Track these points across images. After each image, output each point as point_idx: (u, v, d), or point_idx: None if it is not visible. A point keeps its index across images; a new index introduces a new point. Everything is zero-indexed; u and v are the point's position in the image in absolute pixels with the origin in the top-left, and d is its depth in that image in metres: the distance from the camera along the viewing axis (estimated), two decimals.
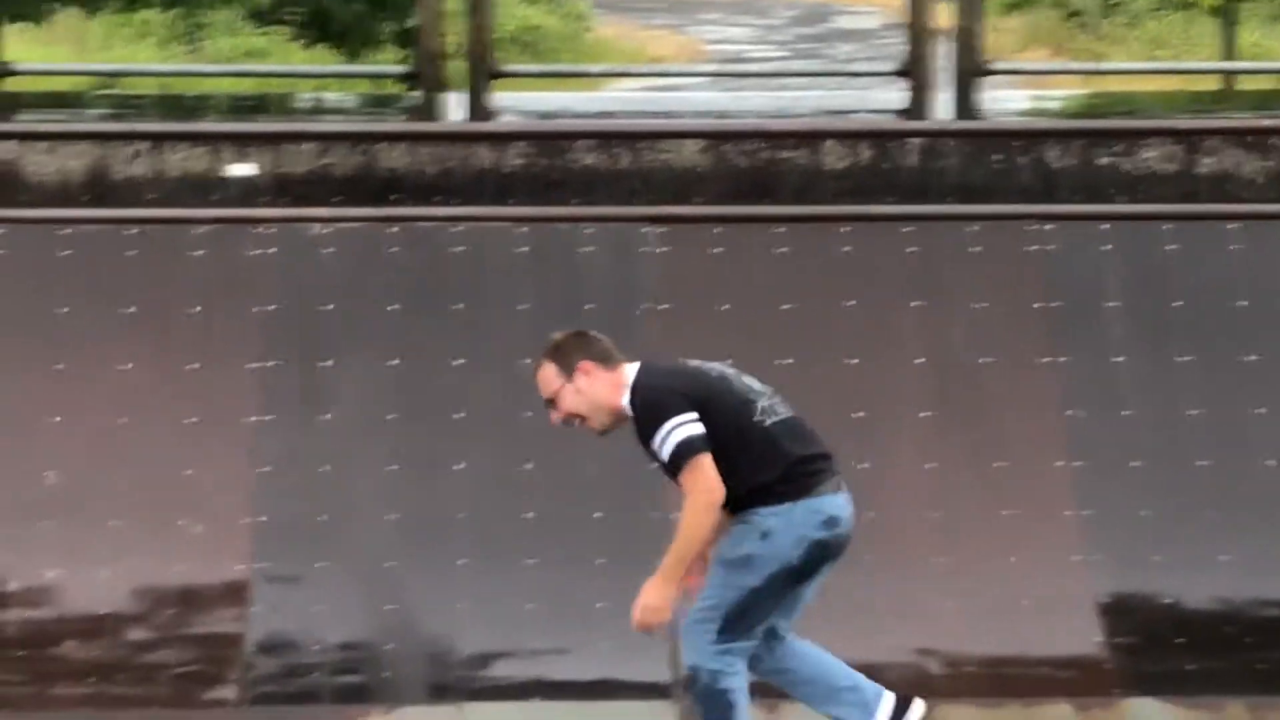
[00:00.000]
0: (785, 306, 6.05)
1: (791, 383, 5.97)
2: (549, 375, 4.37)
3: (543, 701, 5.23)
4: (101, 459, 5.77)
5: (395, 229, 6.16)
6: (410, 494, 5.84)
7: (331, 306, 6.14)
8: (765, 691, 4.53)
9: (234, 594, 5.55)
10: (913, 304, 6.17)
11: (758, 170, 6.37)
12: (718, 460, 4.08)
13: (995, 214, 6.38)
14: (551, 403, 4.38)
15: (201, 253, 6.02)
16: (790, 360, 5.94)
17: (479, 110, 6.52)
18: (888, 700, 4.34)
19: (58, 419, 5.83)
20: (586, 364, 4.31)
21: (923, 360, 6.13)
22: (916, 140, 6.55)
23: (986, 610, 5.78)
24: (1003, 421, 6.14)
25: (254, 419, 5.76)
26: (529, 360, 6.04)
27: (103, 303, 6.03)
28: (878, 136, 6.48)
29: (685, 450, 4.11)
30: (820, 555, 4.20)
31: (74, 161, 6.22)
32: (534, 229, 6.29)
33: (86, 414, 5.89)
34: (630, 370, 4.32)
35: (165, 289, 6.14)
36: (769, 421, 4.23)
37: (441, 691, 5.37)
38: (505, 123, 6.55)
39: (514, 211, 6.22)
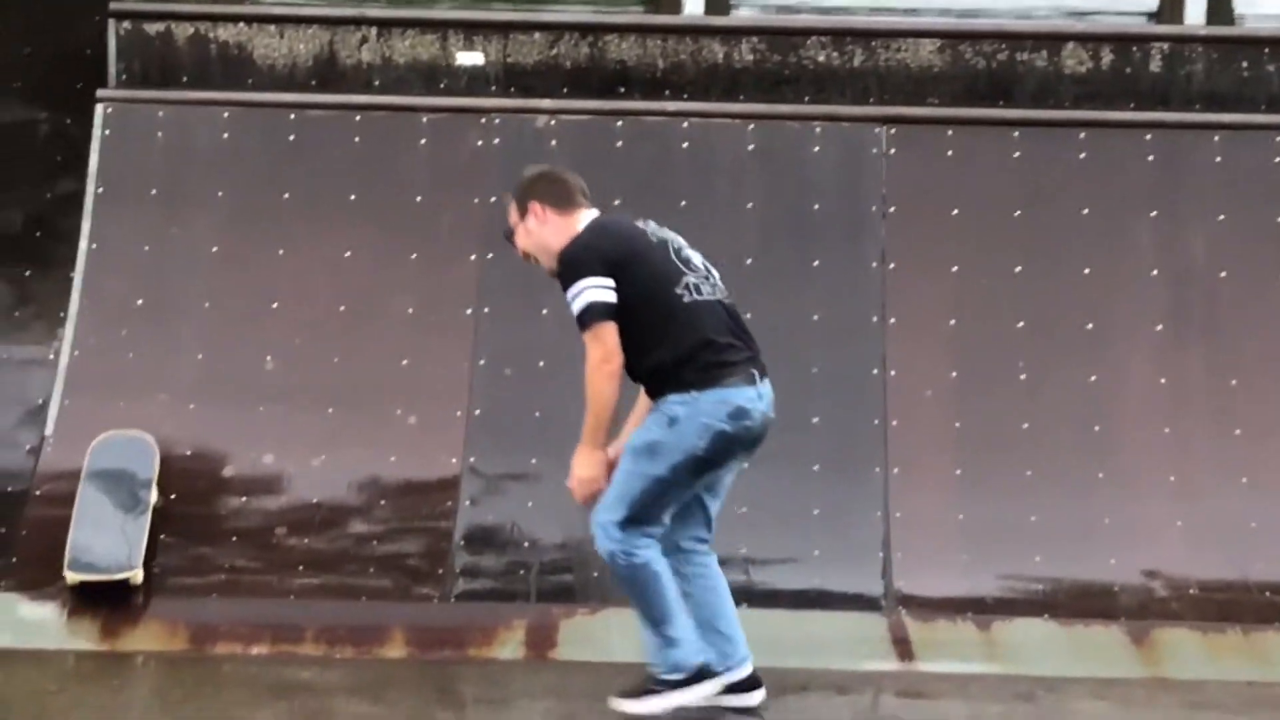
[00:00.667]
0: (1017, 213, 5.88)
1: (1022, 291, 6.03)
2: (511, 211, 4.42)
3: (751, 609, 5.10)
4: (319, 347, 5.80)
5: (621, 123, 6.05)
6: (625, 392, 5.60)
7: None
8: None
9: (445, 488, 5.56)
10: (1150, 214, 5.96)
11: (995, 72, 6.19)
12: (627, 328, 4.10)
13: (1242, 124, 6.12)
14: (510, 237, 4.48)
15: (426, 142, 5.98)
16: (1020, 268, 5.83)
17: (713, 3, 6.34)
18: (743, 669, 4.29)
19: (276, 305, 5.87)
20: (536, 205, 4.30)
21: (1158, 272, 5.94)
22: (1162, 44, 6.30)
23: (1212, 532, 5.62)
24: (1239, 339, 5.94)
25: (472, 311, 5.72)
26: (750, 260, 6.04)
27: (326, 190, 6.05)
28: (1122, 40, 6.22)
29: (586, 314, 4.14)
30: (726, 447, 4.16)
31: (302, 46, 6.21)
32: (762, 127, 6.14)
33: (306, 301, 5.93)
34: (585, 219, 4.28)
35: (388, 178, 6.14)
36: (688, 299, 4.16)
37: None
38: (738, 17, 6.38)
39: (743, 108, 6.07)
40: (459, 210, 5.88)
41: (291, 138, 6.05)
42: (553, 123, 6.08)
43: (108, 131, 6.20)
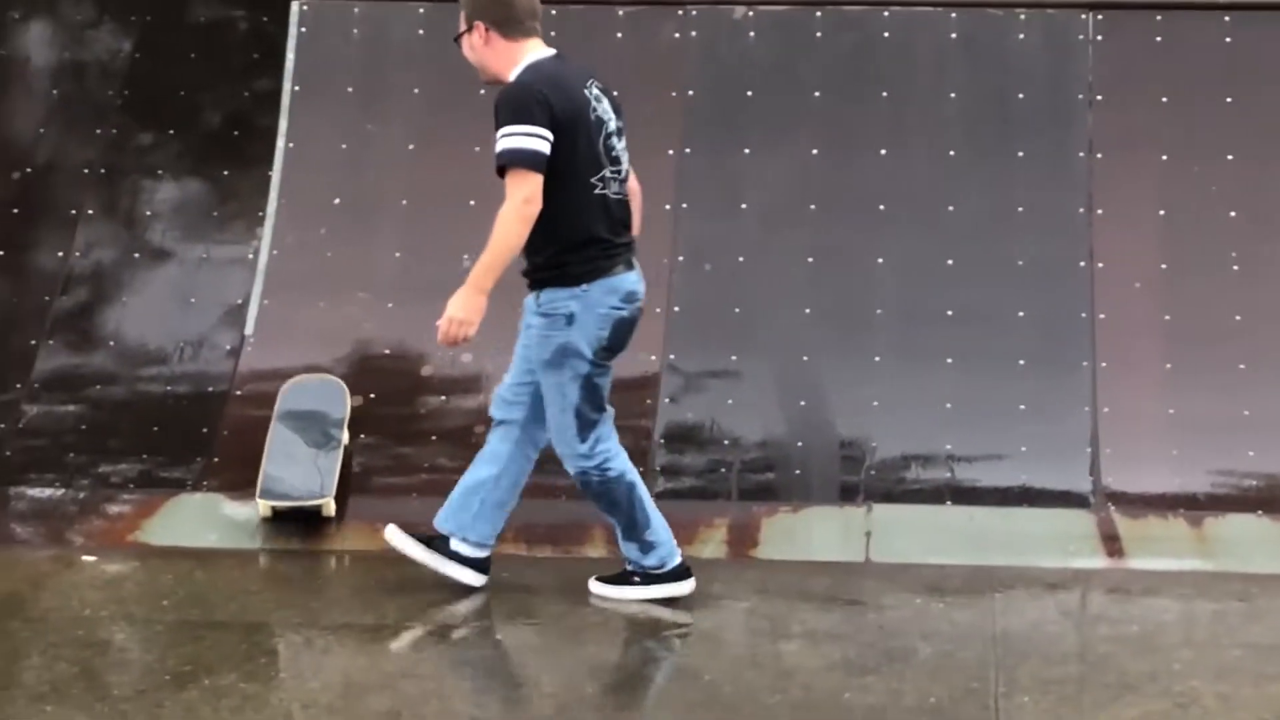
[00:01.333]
0: (1229, 100, 5.73)
1: (1233, 180, 5.87)
2: (461, 15, 4.32)
3: (955, 506, 5.12)
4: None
5: (821, 13, 5.95)
6: (827, 287, 5.70)
7: (752, 93, 5.98)
8: None
9: (644, 385, 5.56)
10: None
11: None
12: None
13: None
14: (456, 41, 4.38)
15: (622, 35, 5.94)
16: (1231, 156, 5.70)
17: None
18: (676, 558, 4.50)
19: (473, 203, 5.85)
20: (481, 26, 4.21)
21: None
22: None
23: None
24: None
25: (670, 207, 5.67)
26: (954, 152, 5.97)
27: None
28: None
29: (519, 158, 4.05)
30: (625, 329, 4.31)
31: None
32: (966, 14, 6.01)
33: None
34: (532, 51, 4.19)
35: None
36: (598, 191, 4.19)
37: (851, 492, 5.28)
38: None
39: None
40: (656, 104, 5.82)
41: None
42: (750, 14, 5.96)
43: (303, 29, 6.20)
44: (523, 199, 4.03)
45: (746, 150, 5.92)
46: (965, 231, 5.48)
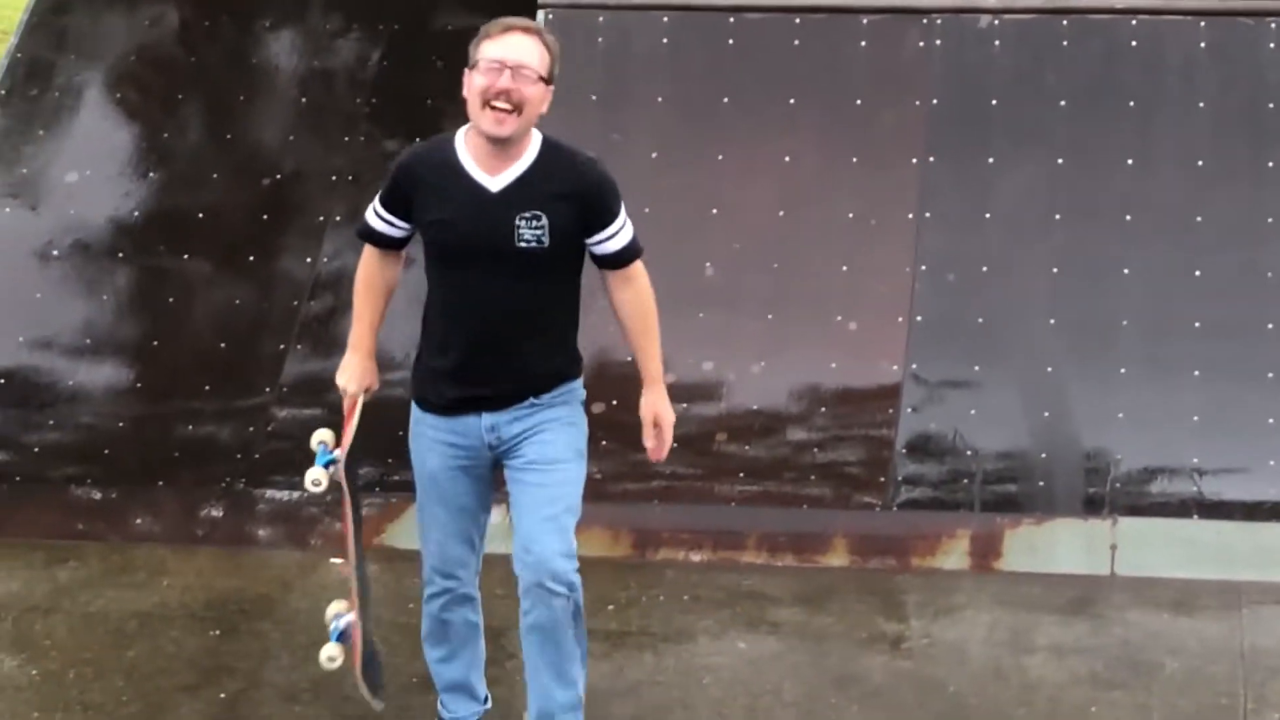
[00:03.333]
0: None
1: None
2: (536, 54, 3.63)
3: (1202, 520, 5.14)
4: (759, 253, 5.88)
5: (1067, 22, 6.00)
6: (1073, 297, 5.75)
7: (997, 102, 6.05)
8: None
9: (886, 395, 5.63)
10: None
11: None
12: (575, 289, 3.77)
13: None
14: (514, 73, 3.56)
15: (866, 44, 6.02)
16: None
17: None
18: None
19: (715, 211, 5.96)
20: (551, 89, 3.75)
21: None
22: None
23: None
24: None
25: (913, 216, 5.75)
26: (1202, 163, 5.95)
27: (764, 93, 6.11)
28: None
29: (639, 247, 3.79)
30: None
31: None
32: (1215, 23, 6.02)
33: (745, 206, 6.02)
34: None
35: (827, 81, 6.18)
36: None
37: (1096, 505, 5.30)
38: None
39: (1194, 3, 5.98)
40: (899, 113, 5.89)
41: (730, 42, 6.11)
42: (996, 23, 6.03)
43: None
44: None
45: (990, 159, 5.97)
46: (1214, 243, 5.52)
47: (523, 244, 3.56)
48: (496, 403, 3.66)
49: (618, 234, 3.70)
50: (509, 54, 3.50)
